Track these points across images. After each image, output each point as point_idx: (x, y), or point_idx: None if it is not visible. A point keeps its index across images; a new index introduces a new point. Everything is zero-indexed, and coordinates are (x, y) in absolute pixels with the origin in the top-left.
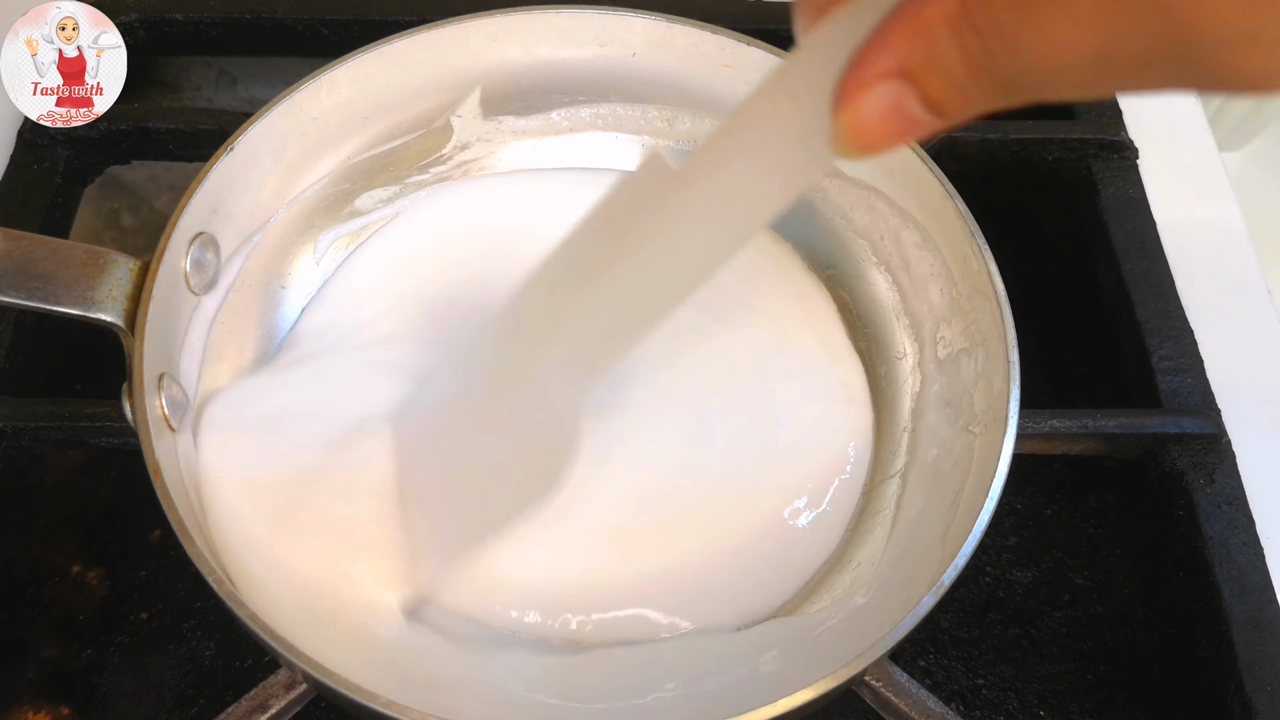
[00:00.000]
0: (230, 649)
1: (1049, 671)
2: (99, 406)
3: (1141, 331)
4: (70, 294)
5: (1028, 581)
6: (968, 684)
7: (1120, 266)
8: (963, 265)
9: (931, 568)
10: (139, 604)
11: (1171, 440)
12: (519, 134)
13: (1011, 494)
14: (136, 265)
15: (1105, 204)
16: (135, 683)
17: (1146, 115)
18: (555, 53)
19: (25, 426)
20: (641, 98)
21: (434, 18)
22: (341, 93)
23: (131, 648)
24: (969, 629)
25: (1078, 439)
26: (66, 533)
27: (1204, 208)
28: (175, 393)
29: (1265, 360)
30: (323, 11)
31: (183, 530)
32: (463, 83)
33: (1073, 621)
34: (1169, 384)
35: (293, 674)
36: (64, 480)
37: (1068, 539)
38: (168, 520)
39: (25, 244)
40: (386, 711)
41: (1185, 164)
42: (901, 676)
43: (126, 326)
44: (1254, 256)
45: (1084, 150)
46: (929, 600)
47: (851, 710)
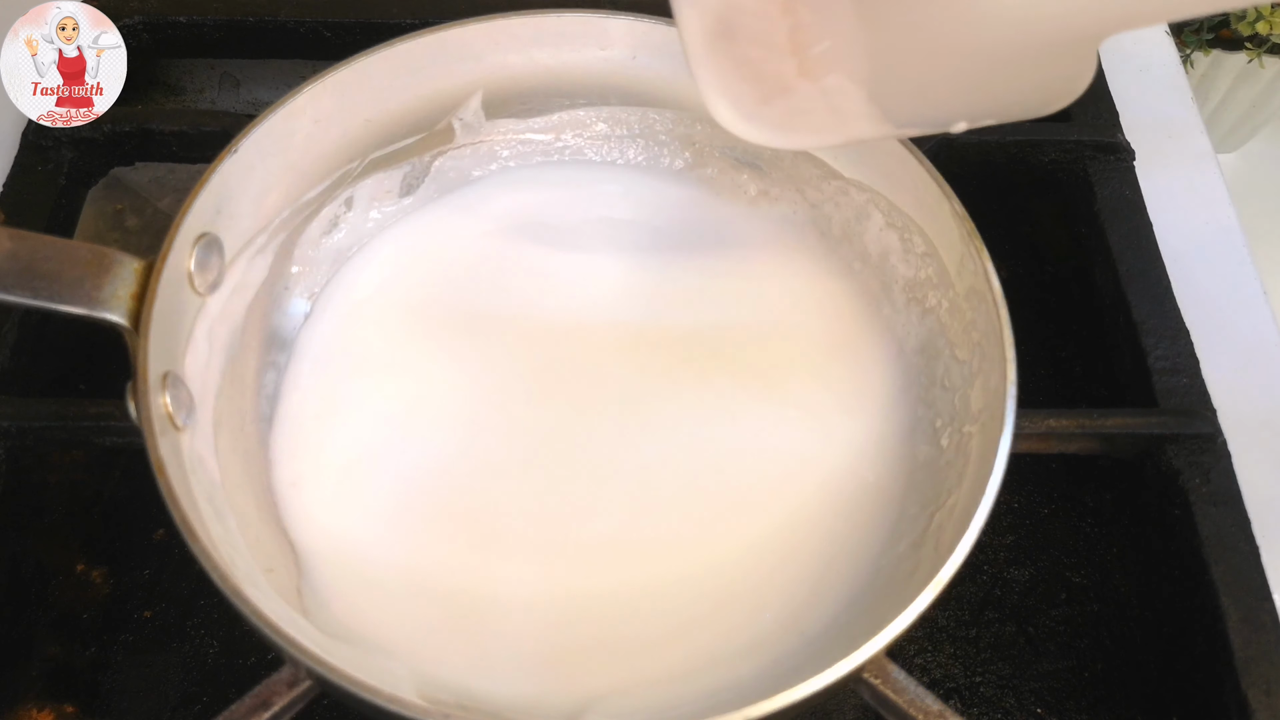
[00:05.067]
0: (233, 647)
1: (1046, 669)
2: (103, 406)
3: (1138, 332)
4: (75, 293)
5: (1025, 580)
6: (965, 681)
7: (1117, 267)
8: (959, 265)
9: (928, 566)
10: (142, 602)
11: (1168, 440)
12: (521, 136)
13: (1008, 493)
14: (141, 265)
15: (1102, 205)
16: (139, 681)
17: (1143, 117)
18: (557, 56)
19: (29, 426)
20: (642, 101)
21: (436, 20)
22: (344, 95)
23: (135, 646)
24: (967, 627)
25: (1074, 438)
26: (70, 531)
27: (1200, 209)
28: (179, 392)
29: (1261, 361)
30: (325, 14)
31: (187, 528)
32: (465, 85)
33: (1070, 620)
34: (1165, 384)
35: (296, 671)
36: (68, 479)
37: (1065, 538)
38: (171, 519)
39: (30, 243)
40: (390, 707)
41: (1181, 165)
42: (899, 674)
43: (131, 326)
44: (1250, 258)
45: (1080, 152)
46: (926, 597)
47: (849, 707)
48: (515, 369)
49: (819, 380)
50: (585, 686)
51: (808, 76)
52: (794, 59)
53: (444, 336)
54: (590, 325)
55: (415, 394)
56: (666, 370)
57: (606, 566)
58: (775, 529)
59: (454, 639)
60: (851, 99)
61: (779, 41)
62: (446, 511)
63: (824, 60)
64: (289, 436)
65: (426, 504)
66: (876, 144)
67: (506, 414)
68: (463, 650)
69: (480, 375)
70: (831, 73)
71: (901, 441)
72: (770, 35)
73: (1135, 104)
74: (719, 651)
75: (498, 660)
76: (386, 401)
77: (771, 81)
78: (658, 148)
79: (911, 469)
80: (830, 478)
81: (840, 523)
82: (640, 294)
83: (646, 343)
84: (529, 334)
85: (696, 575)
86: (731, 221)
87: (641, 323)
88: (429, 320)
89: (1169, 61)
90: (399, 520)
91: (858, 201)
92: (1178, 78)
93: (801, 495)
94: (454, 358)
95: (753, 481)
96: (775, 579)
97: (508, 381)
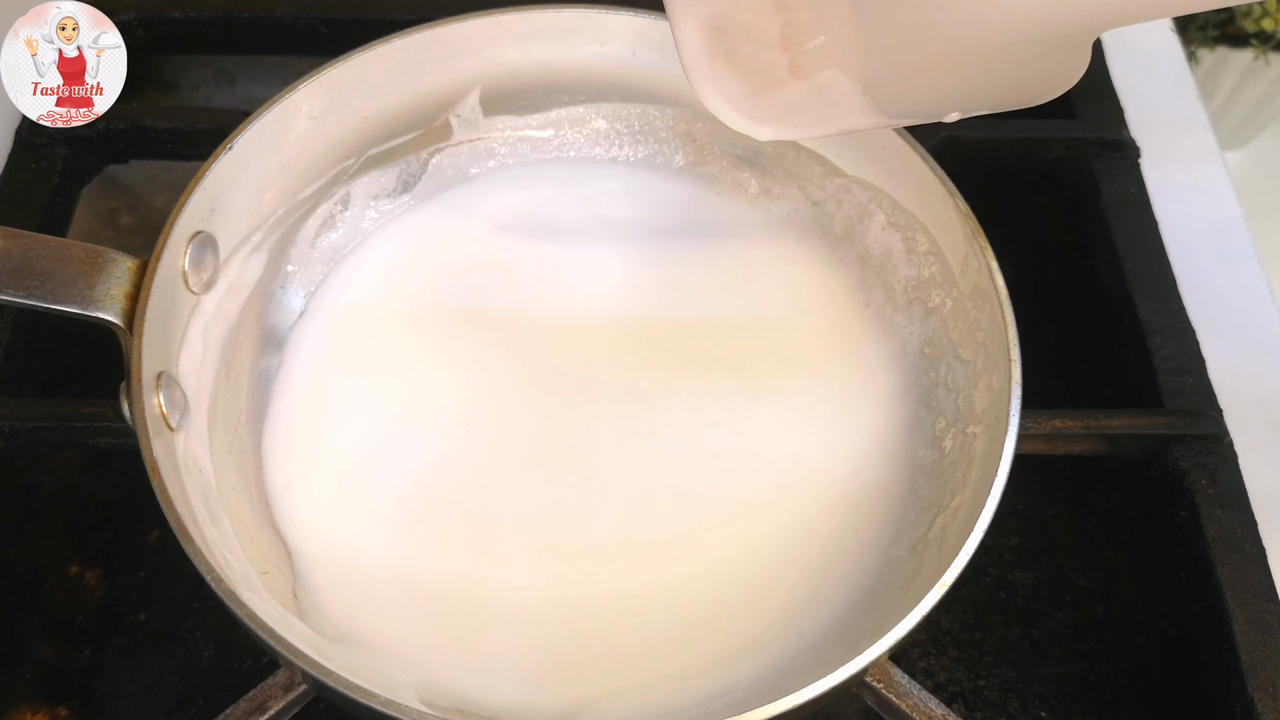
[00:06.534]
0: (229, 650)
1: (1051, 673)
2: (97, 406)
3: (1143, 331)
4: (68, 292)
5: (1029, 582)
6: (969, 685)
7: (1122, 266)
8: (963, 264)
9: (932, 569)
10: (137, 605)
11: (1173, 441)
12: (519, 133)
13: (1013, 494)
14: (135, 264)
15: (1107, 203)
16: (133, 684)
17: (1148, 114)
18: (555, 52)
19: (23, 427)
20: (642, 97)
21: (433, 17)
22: (340, 92)
23: (130, 649)
24: (970, 630)
25: (1079, 439)
26: (64, 533)
27: (1206, 207)
28: (173, 392)
29: (1267, 360)
30: (322, 10)
31: (181, 530)
32: (462, 82)
33: (1074, 622)
34: (1171, 384)
35: (292, 674)
36: (62, 480)
37: (1069, 540)
38: (166, 520)
39: (24, 242)
40: (387, 711)
41: (1187, 163)
42: (902, 678)
43: (125, 325)
44: (1256, 256)
45: (1086, 149)
46: (930, 600)
47: (852, 711)
48: (513, 369)
49: (820, 380)
50: (584, 689)
51: (801, 71)
52: (787, 54)
53: (441, 335)
54: (589, 325)
55: (412, 394)
56: (666, 370)
57: (605, 569)
58: (775, 530)
59: (451, 642)
60: (845, 91)
61: (772, 37)
62: (443, 513)
63: (818, 55)
64: (283, 437)
65: (423, 506)
66: (878, 141)
67: (504, 414)
68: (460, 653)
69: (478, 375)
70: (826, 67)
71: (903, 442)
72: (764, 31)
73: (1140, 101)
74: (719, 654)
75: (495, 663)
76: (383, 402)
77: (765, 75)
78: (658, 145)
79: (914, 470)
80: (831, 478)
81: (841, 524)
82: (640, 293)
83: (646, 342)
84: (527, 333)
85: (696, 578)
86: (732, 220)
87: (641, 322)
88: (426, 319)
89: (1174, 58)
90: (395, 522)
91: (860, 199)
92: (1183, 74)
93: (802, 496)
94: (451, 357)
95: (753, 483)
96: (775, 581)
97: (505, 381)
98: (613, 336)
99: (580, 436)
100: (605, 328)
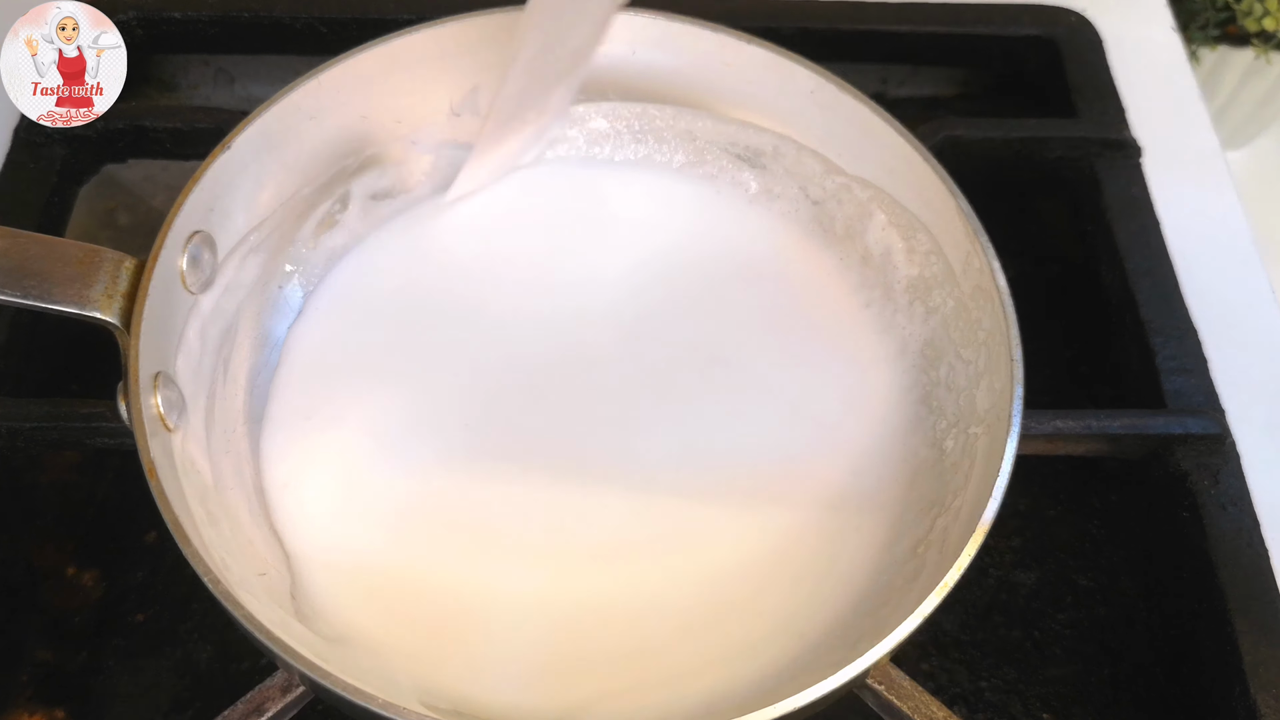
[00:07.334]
0: (227, 651)
1: (1052, 674)
2: (94, 407)
3: (1145, 331)
4: (66, 292)
5: (1031, 583)
6: (971, 687)
7: (1124, 266)
8: (965, 264)
9: (933, 570)
10: (135, 606)
11: (1176, 441)
12: None
13: (1014, 495)
14: (132, 264)
15: (1109, 203)
16: (131, 685)
17: (1150, 113)
18: None
19: (20, 427)
20: (641, 96)
21: (433, 16)
22: (340, 91)
23: (127, 650)
24: (972, 631)
25: (1081, 440)
26: (62, 534)
27: (1208, 206)
28: (171, 392)
29: (1270, 360)
30: (321, 10)
31: (179, 531)
32: (461, 81)
33: (1076, 624)
34: (1173, 384)
35: (290, 676)
36: (59, 481)
37: (1071, 540)
38: (164, 521)
39: (21, 242)
40: (385, 713)
41: (1189, 162)
42: (904, 679)
43: (122, 325)
44: (1258, 256)
45: (1087, 149)
46: (932, 602)
47: (853, 714)
48: (512, 369)
49: (820, 380)
50: (584, 691)
51: None
52: None
53: (439, 336)
54: (589, 325)
55: (409, 395)
56: (665, 371)
57: (604, 570)
58: (775, 531)
59: (449, 643)
60: None
61: None
62: (440, 515)
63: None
64: (280, 437)
65: (421, 507)
66: (879, 140)
67: (502, 415)
68: (458, 655)
69: (476, 376)
70: None
71: (904, 442)
72: None
73: (1142, 100)
74: (718, 656)
75: (493, 664)
76: (380, 402)
77: None
78: (657, 144)
79: (914, 471)
80: (831, 479)
81: (842, 525)
82: (639, 293)
83: (645, 342)
84: (526, 334)
85: (695, 579)
86: (732, 219)
87: (640, 322)
88: (424, 319)
89: (1175, 58)
90: (392, 523)
91: (861, 199)
92: (1185, 74)
93: (802, 497)
94: (449, 358)
95: (751, 483)
96: (775, 581)
97: (504, 382)
98: (612, 337)
99: (578, 436)
100: (604, 328)
